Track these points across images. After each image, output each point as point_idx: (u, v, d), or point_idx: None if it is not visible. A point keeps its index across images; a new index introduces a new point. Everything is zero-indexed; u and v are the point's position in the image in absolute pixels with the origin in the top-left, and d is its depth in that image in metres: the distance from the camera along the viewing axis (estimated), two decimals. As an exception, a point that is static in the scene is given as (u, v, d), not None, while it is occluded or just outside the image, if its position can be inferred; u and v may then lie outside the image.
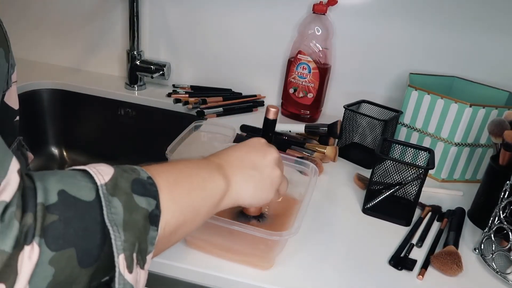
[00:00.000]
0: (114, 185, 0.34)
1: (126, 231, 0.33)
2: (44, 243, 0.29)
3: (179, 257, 0.58)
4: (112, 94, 1.13)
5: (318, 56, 1.02)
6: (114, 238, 0.32)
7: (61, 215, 0.30)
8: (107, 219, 0.32)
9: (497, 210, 0.66)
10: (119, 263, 0.33)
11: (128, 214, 0.34)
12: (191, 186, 0.43)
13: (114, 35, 1.19)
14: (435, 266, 0.62)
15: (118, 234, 0.33)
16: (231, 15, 1.10)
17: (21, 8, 1.20)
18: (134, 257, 0.34)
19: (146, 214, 0.36)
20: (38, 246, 0.29)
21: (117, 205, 0.33)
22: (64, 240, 0.30)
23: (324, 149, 0.88)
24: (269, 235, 0.52)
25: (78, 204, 0.32)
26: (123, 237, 0.33)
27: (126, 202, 0.34)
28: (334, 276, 0.59)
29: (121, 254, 0.33)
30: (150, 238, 0.36)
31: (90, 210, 0.32)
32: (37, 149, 1.17)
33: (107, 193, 0.33)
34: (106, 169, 0.35)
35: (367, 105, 0.96)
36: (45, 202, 0.30)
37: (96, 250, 0.32)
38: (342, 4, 1.03)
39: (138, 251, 0.35)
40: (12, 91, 0.47)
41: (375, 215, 0.73)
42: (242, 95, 1.15)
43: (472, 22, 0.99)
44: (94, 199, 0.33)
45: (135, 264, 0.34)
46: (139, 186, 0.36)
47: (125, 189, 0.35)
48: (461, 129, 0.83)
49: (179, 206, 0.40)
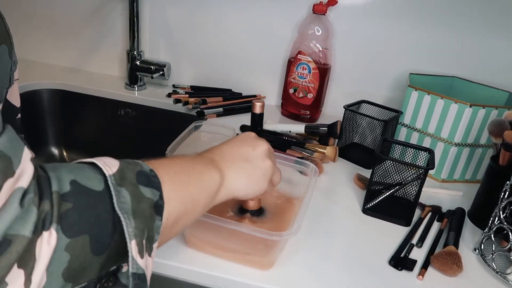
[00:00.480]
0: (121, 176, 0.36)
1: (135, 218, 0.35)
2: (60, 229, 0.30)
3: (179, 257, 0.58)
4: (112, 94, 1.13)
5: (318, 56, 1.02)
6: (126, 225, 0.34)
7: (75, 203, 0.32)
8: (117, 207, 0.34)
9: (497, 210, 0.66)
10: (132, 248, 0.34)
11: (136, 203, 0.35)
12: (190, 179, 0.44)
13: (114, 35, 1.19)
14: (435, 266, 0.62)
15: (128, 221, 0.34)
16: (231, 15, 1.10)
17: (21, 9, 1.20)
18: (144, 243, 0.35)
19: (152, 204, 0.37)
20: (56, 232, 0.30)
21: (125, 195, 0.35)
22: (78, 227, 0.31)
23: (324, 149, 0.88)
24: (269, 235, 0.52)
25: (90, 194, 0.33)
26: (134, 224, 0.34)
27: (133, 192, 0.36)
28: (334, 276, 0.59)
29: (133, 239, 0.34)
30: (156, 227, 0.37)
31: (101, 199, 0.34)
32: (37, 149, 1.17)
33: (116, 183, 0.35)
34: (112, 161, 0.37)
35: (367, 105, 0.96)
36: (60, 191, 0.31)
37: (107, 238, 0.33)
38: (342, 4, 1.03)
39: (147, 238, 0.36)
40: (14, 89, 0.47)
41: (375, 215, 0.73)
42: (242, 95, 1.15)
43: (472, 22, 0.99)
44: (103, 189, 0.34)
45: (144, 251, 0.36)
46: (144, 177, 0.38)
47: (131, 180, 0.36)
48: (461, 129, 0.83)
49: (180, 197, 0.42)
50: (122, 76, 1.22)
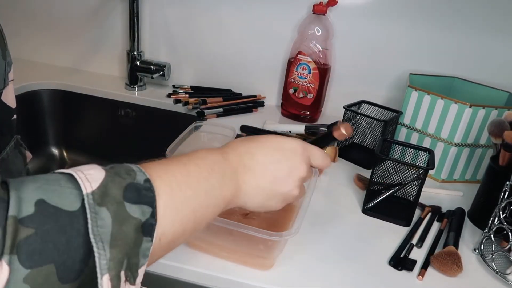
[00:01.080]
0: (102, 193, 0.31)
1: (113, 247, 0.30)
2: (17, 260, 0.26)
3: (179, 257, 0.58)
4: (112, 95, 1.13)
5: (318, 56, 1.02)
6: (98, 257, 0.29)
7: (38, 228, 0.27)
8: (91, 233, 0.29)
9: (497, 211, 0.66)
10: (103, 285, 0.29)
11: (118, 226, 0.30)
12: (196, 193, 0.38)
13: (114, 36, 1.19)
14: (435, 266, 0.62)
15: (103, 251, 0.29)
16: (231, 15, 1.10)
17: (22, 9, 1.20)
18: (122, 275, 0.31)
19: (139, 224, 0.32)
20: (8, 264, 0.26)
21: (105, 216, 0.30)
22: (41, 256, 0.27)
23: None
24: (269, 236, 0.52)
25: (59, 215, 0.29)
26: (109, 255, 0.30)
27: (116, 213, 0.31)
28: (334, 277, 0.59)
29: (105, 274, 0.29)
30: (143, 250, 0.32)
31: (73, 221, 0.29)
32: (37, 149, 1.17)
33: (94, 203, 0.30)
34: (96, 173, 0.32)
35: (367, 105, 0.96)
36: (18, 215, 0.27)
37: (79, 265, 0.29)
38: (342, 5, 1.03)
39: (127, 268, 0.31)
40: (9, 89, 0.46)
41: (375, 216, 0.73)
42: (242, 96, 1.15)
43: (472, 23, 0.99)
44: (79, 208, 0.29)
45: (122, 282, 0.31)
46: (133, 192, 0.32)
47: (115, 196, 0.31)
48: (461, 130, 0.83)
49: (180, 215, 0.36)
50: (122, 76, 1.22)
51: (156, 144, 1.13)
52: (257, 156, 0.45)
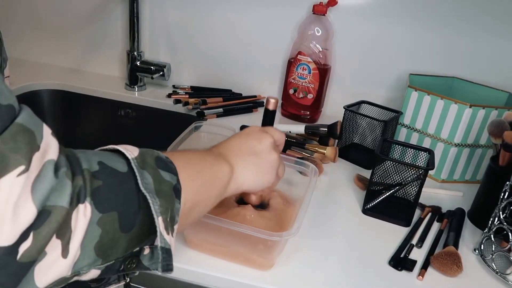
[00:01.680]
0: (142, 160, 0.38)
1: (159, 197, 0.36)
2: (93, 204, 0.32)
3: (179, 257, 0.58)
4: (112, 95, 1.13)
5: (318, 56, 1.02)
6: (152, 203, 0.35)
7: (104, 181, 0.33)
8: (142, 187, 0.35)
9: (497, 211, 0.66)
10: (159, 223, 0.36)
11: (158, 184, 0.37)
12: (202, 169, 0.46)
13: (114, 36, 1.19)
14: (435, 266, 0.62)
15: (154, 199, 0.36)
16: (231, 16, 1.11)
17: (22, 9, 1.20)
18: (168, 221, 0.37)
19: (171, 186, 0.38)
20: (90, 206, 0.31)
21: (148, 177, 0.37)
22: (108, 204, 0.33)
23: (324, 150, 0.88)
24: (269, 236, 0.52)
25: (116, 174, 0.35)
26: (159, 202, 0.36)
27: (155, 175, 0.37)
28: (334, 277, 0.59)
29: (159, 216, 0.36)
30: (176, 209, 0.39)
31: (126, 180, 0.35)
32: (37, 149, 1.17)
33: (138, 166, 0.37)
34: (132, 147, 0.39)
35: (367, 105, 0.96)
36: (90, 169, 0.33)
37: (133, 216, 0.35)
38: (342, 5, 1.03)
39: (170, 218, 0.38)
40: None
41: (375, 216, 0.73)
42: (242, 96, 1.15)
43: (472, 23, 0.99)
44: (127, 171, 0.36)
45: (169, 228, 0.37)
46: (162, 162, 0.39)
47: (151, 164, 0.38)
48: (461, 130, 0.83)
49: (194, 185, 0.43)
50: (122, 76, 1.22)
51: (156, 144, 1.12)
52: (229, 141, 0.54)
